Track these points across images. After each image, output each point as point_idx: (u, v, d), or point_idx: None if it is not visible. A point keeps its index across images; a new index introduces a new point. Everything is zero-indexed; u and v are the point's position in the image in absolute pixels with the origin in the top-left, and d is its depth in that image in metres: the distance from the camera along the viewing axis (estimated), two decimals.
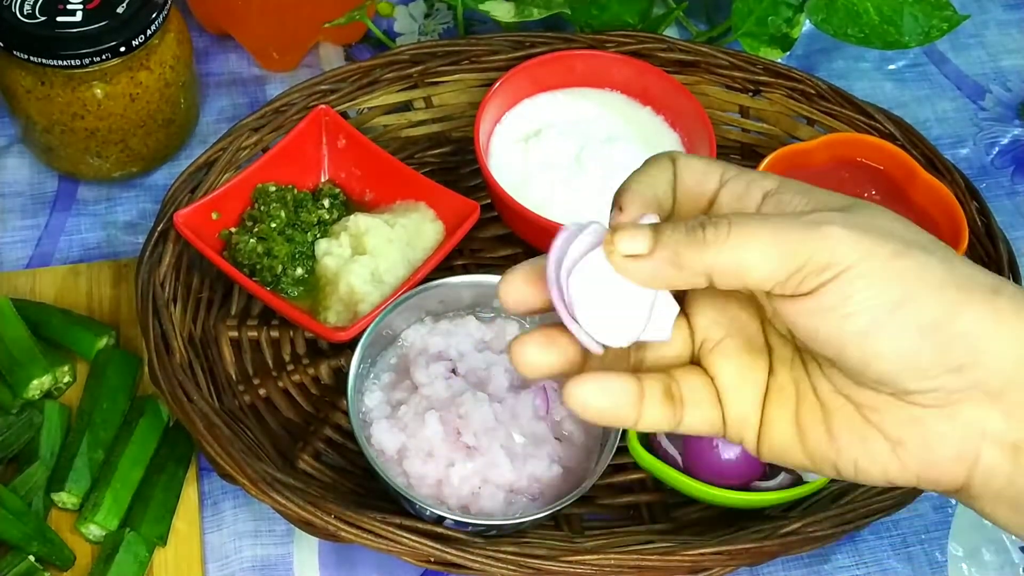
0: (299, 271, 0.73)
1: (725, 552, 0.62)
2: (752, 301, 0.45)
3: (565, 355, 0.45)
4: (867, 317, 0.40)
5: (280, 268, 0.73)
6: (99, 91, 0.76)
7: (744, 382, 0.45)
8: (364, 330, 0.67)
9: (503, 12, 0.84)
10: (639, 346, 0.45)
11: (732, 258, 0.40)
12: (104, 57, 0.74)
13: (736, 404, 0.45)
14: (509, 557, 0.61)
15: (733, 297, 0.45)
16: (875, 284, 0.40)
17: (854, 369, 0.41)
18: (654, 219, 0.43)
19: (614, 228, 0.43)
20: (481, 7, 0.84)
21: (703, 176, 0.45)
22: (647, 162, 0.46)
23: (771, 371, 0.45)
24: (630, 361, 0.46)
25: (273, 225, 0.73)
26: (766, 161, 0.76)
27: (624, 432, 0.65)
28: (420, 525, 0.62)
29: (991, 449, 0.41)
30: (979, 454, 0.41)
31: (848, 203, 0.43)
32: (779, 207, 0.43)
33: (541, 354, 0.45)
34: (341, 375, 0.73)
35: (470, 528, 0.63)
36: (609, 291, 0.43)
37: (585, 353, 0.44)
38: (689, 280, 0.41)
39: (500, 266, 0.79)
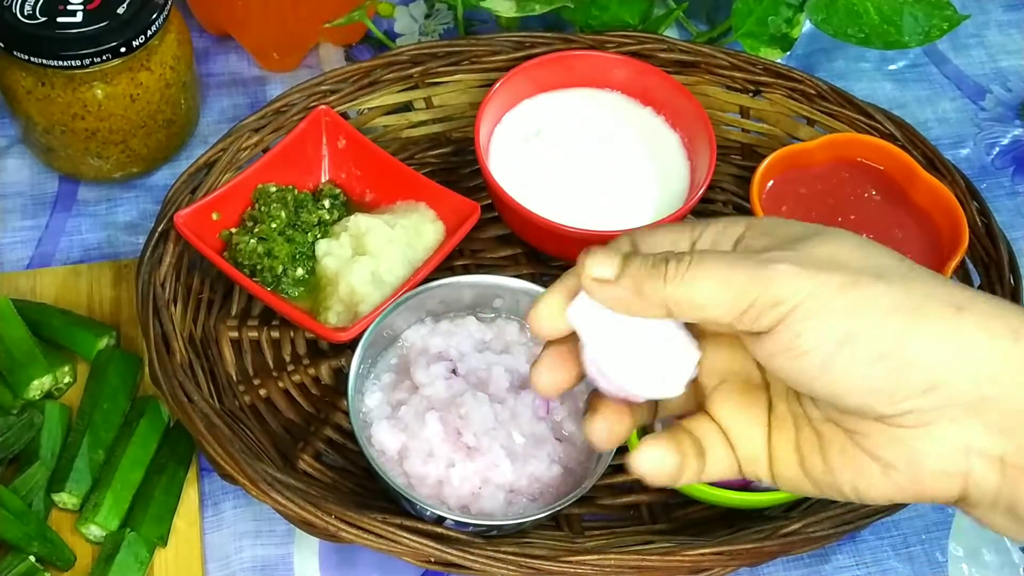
0: (299, 271, 0.73)
1: (725, 552, 0.62)
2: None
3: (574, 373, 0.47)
4: (819, 354, 0.41)
5: (280, 268, 0.73)
6: (99, 92, 0.76)
7: (747, 421, 0.46)
8: (364, 330, 0.67)
9: (504, 8, 0.84)
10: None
11: (687, 293, 0.42)
12: (104, 58, 0.74)
13: (744, 444, 0.46)
14: (509, 557, 0.61)
15: (725, 340, 0.47)
16: (823, 320, 0.41)
17: (826, 402, 0.43)
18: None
19: (587, 250, 0.45)
20: (483, 3, 0.84)
21: (672, 244, 0.46)
22: (608, 244, 0.47)
23: (772, 407, 0.46)
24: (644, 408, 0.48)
25: (273, 225, 0.73)
26: (766, 161, 0.76)
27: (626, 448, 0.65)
28: (420, 525, 0.62)
29: (979, 462, 0.42)
30: (970, 467, 0.42)
31: (810, 233, 0.44)
32: (746, 250, 0.44)
33: (553, 374, 0.47)
34: (341, 375, 0.73)
35: (470, 528, 0.63)
36: (632, 347, 0.45)
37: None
38: (649, 310, 0.44)
39: (500, 266, 0.79)
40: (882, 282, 0.41)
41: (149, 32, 0.75)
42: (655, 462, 0.46)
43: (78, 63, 0.74)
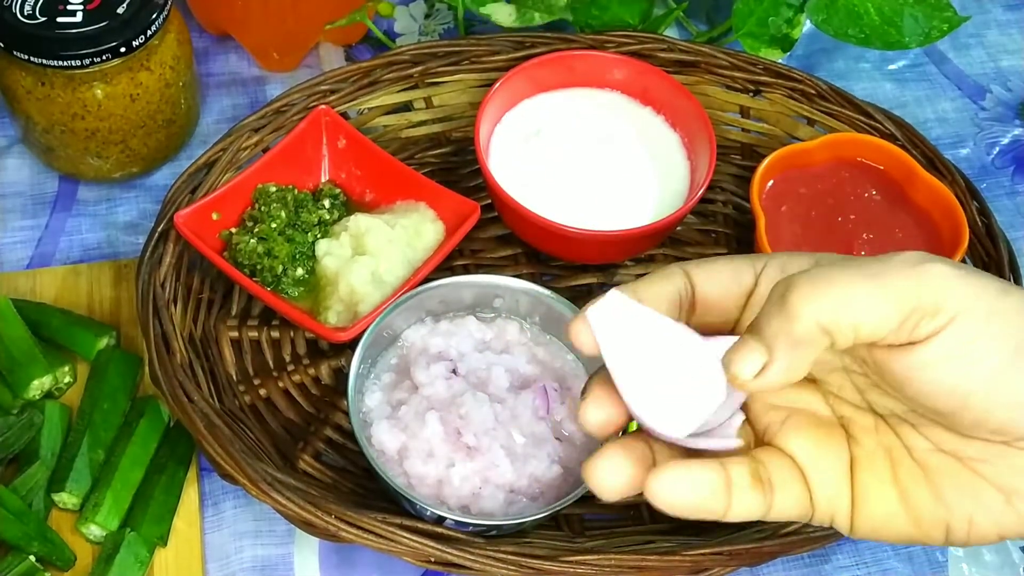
0: (299, 271, 0.73)
1: (725, 552, 0.62)
2: (807, 381, 0.42)
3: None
4: (992, 363, 0.37)
5: (280, 268, 0.73)
6: (99, 91, 0.76)
7: (825, 454, 0.42)
8: (364, 330, 0.67)
9: (504, 16, 0.84)
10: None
11: (840, 308, 0.37)
12: (104, 58, 0.74)
13: (822, 480, 0.42)
14: (509, 557, 0.61)
15: None
16: (994, 327, 0.37)
17: (973, 421, 0.39)
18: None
19: (727, 358, 0.39)
20: (482, 10, 0.84)
21: (734, 274, 0.42)
22: (654, 272, 0.43)
23: (854, 441, 0.42)
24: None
25: (273, 225, 0.73)
26: (766, 161, 0.76)
27: (624, 432, 0.65)
28: (420, 525, 0.62)
29: None
30: None
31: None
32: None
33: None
34: (341, 375, 0.73)
35: (470, 528, 0.63)
36: (650, 372, 0.41)
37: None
38: (813, 354, 0.38)
39: (500, 266, 0.79)
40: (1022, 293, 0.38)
41: (149, 32, 0.75)
42: (683, 485, 0.40)
43: (78, 63, 0.74)
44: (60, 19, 0.74)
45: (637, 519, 0.69)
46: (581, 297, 0.77)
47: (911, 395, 0.40)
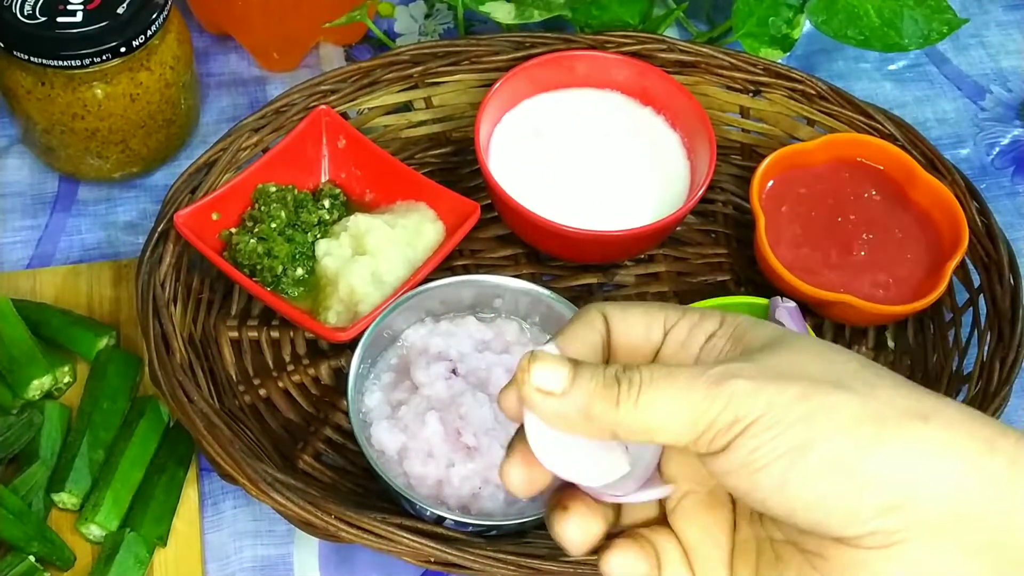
0: (299, 271, 0.73)
1: None
2: None
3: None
4: (776, 468, 0.38)
5: (280, 268, 0.73)
6: (99, 91, 0.76)
7: (709, 542, 0.43)
8: (364, 330, 0.67)
9: (504, 14, 0.84)
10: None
11: (640, 420, 0.39)
12: (104, 57, 0.74)
13: (704, 567, 0.43)
14: (509, 557, 0.61)
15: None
16: (780, 432, 0.38)
17: (784, 520, 0.40)
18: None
19: (532, 354, 0.40)
20: (481, 8, 0.84)
21: (646, 329, 0.43)
22: (575, 315, 0.44)
23: (735, 526, 0.43)
24: (606, 516, 0.44)
25: (273, 225, 0.73)
26: (766, 161, 0.76)
27: None
28: (420, 525, 0.62)
29: None
30: None
31: (777, 338, 0.41)
32: (711, 354, 0.41)
33: (526, 475, 0.43)
34: (341, 375, 0.73)
35: (470, 528, 0.63)
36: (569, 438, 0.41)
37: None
38: (594, 432, 0.40)
39: (500, 266, 0.79)
40: (842, 391, 0.38)
41: (149, 32, 0.75)
42: (628, 566, 0.42)
43: (78, 63, 0.74)
44: (60, 19, 0.74)
45: None
46: (581, 297, 0.77)
47: (728, 491, 0.41)
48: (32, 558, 0.64)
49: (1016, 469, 0.38)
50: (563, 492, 0.44)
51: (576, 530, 0.43)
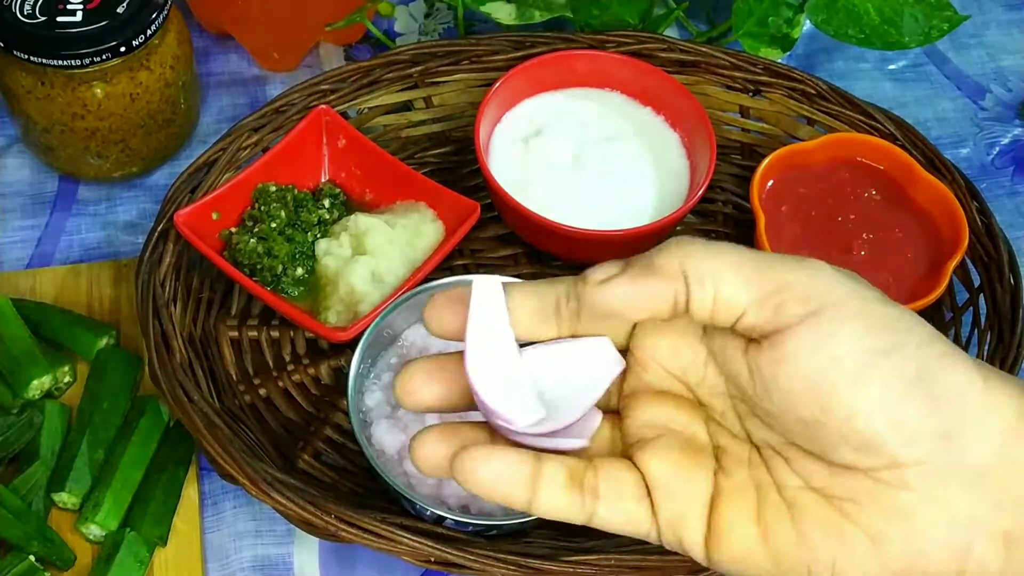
0: (299, 271, 0.73)
1: None
2: (692, 403, 0.42)
3: (450, 388, 0.42)
4: (856, 361, 0.37)
5: (280, 268, 0.73)
6: (99, 91, 0.76)
7: (683, 482, 0.41)
8: (364, 330, 0.67)
9: (504, 14, 0.84)
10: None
11: (708, 262, 0.38)
12: (104, 57, 0.74)
13: (671, 504, 0.41)
14: (509, 557, 0.61)
15: (671, 398, 0.42)
16: (863, 325, 0.37)
17: (838, 433, 0.37)
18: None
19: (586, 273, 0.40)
20: (482, 8, 0.84)
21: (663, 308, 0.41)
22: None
23: (724, 473, 0.41)
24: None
25: (273, 225, 0.73)
26: (766, 161, 0.76)
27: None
28: (420, 525, 0.62)
29: (981, 541, 0.38)
30: (971, 546, 0.38)
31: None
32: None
33: (425, 386, 0.42)
34: (341, 375, 0.73)
35: (470, 528, 0.63)
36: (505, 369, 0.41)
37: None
38: (662, 293, 0.38)
39: (500, 266, 0.79)
40: (912, 315, 0.39)
41: (149, 31, 0.75)
42: (483, 465, 0.40)
43: (78, 63, 0.74)
44: (60, 19, 0.74)
45: None
46: None
47: (778, 402, 0.38)
48: (32, 558, 0.64)
49: None
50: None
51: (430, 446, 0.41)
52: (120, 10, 0.75)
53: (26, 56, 0.73)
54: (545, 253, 0.79)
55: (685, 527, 0.41)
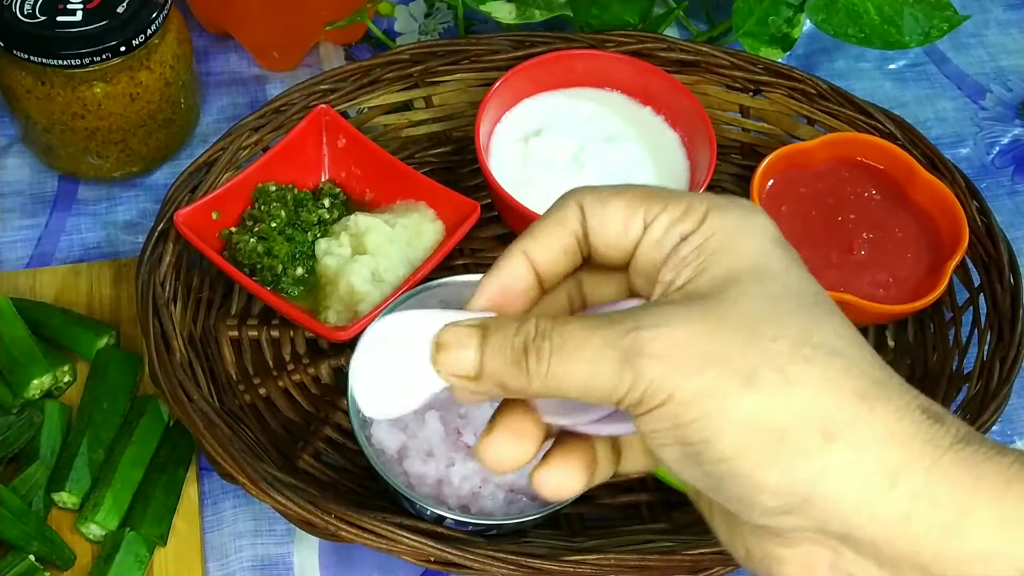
0: (299, 271, 0.73)
1: (725, 552, 0.62)
2: None
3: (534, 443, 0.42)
4: (675, 453, 0.38)
5: (280, 268, 0.73)
6: (99, 91, 0.76)
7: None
8: (364, 330, 0.67)
9: (504, 13, 0.84)
10: None
11: (554, 390, 0.39)
12: (104, 57, 0.74)
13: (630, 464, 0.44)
14: (509, 557, 0.61)
15: None
16: (680, 424, 0.37)
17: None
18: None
19: (437, 342, 0.40)
20: (482, 8, 0.84)
21: (625, 222, 0.41)
22: (551, 207, 0.43)
23: None
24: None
25: (273, 225, 0.73)
26: (766, 161, 0.76)
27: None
28: (420, 525, 0.62)
29: None
30: None
31: (730, 279, 0.39)
32: (674, 267, 0.40)
33: (513, 448, 0.42)
34: (341, 375, 0.73)
35: (470, 528, 0.63)
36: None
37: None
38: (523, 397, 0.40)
39: None
40: (749, 390, 0.36)
41: (149, 31, 0.75)
42: (561, 485, 0.42)
43: (78, 62, 0.74)
44: (60, 18, 0.74)
45: (637, 519, 0.69)
46: None
47: None
48: (32, 557, 0.64)
49: (918, 503, 0.36)
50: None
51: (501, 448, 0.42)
52: (120, 10, 0.75)
53: (26, 56, 0.73)
54: None
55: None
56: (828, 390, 0.37)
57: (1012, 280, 0.74)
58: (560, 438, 0.43)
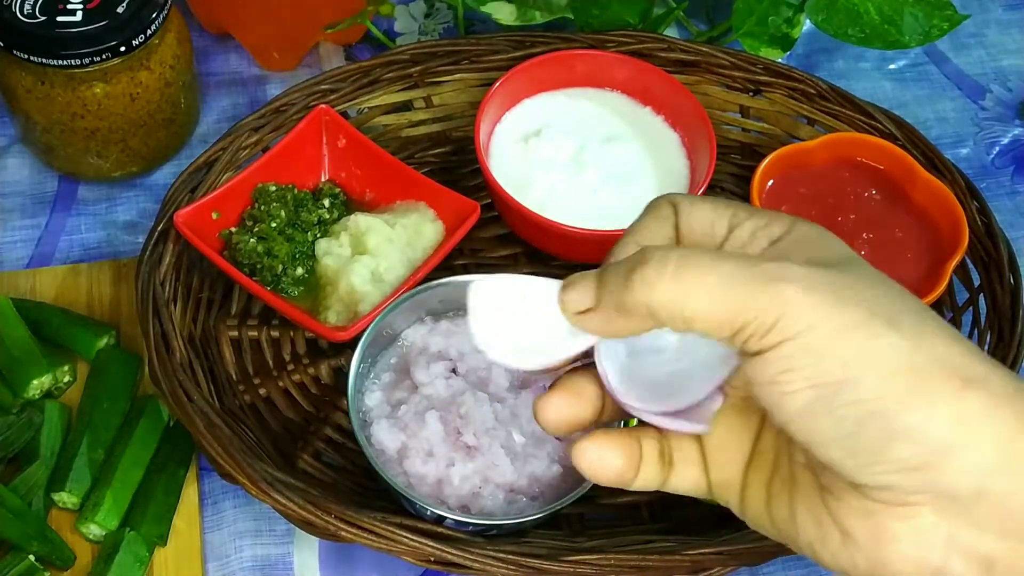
0: (299, 271, 0.73)
1: (725, 552, 0.62)
2: None
3: (591, 405, 0.43)
4: (806, 396, 0.36)
5: (280, 268, 0.73)
6: (99, 91, 0.76)
7: (730, 445, 0.42)
8: (364, 330, 0.67)
9: (505, 14, 0.84)
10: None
11: (675, 300, 0.37)
12: (104, 57, 0.74)
13: (719, 468, 0.42)
14: (509, 557, 0.61)
15: None
16: (817, 361, 0.36)
17: (801, 446, 0.38)
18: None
19: (564, 284, 0.41)
20: (483, 9, 0.84)
21: (711, 222, 0.42)
22: (647, 208, 0.43)
23: (760, 436, 0.42)
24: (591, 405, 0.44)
25: (273, 225, 0.73)
26: (766, 161, 0.76)
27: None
28: (420, 525, 0.62)
29: (960, 560, 0.37)
30: (947, 563, 0.37)
31: (843, 257, 0.39)
32: (778, 255, 0.40)
33: (566, 408, 0.43)
34: (341, 375, 0.73)
35: (470, 528, 0.63)
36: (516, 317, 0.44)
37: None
38: (638, 327, 0.39)
39: (500, 266, 0.79)
40: (893, 331, 0.36)
41: (149, 31, 0.75)
42: (604, 455, 0.42)
43: (78, 62, 0.74)
44: (60, 18, 0.74)
45: (637, 519, 0.69)
46: None
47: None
48: (32, 557, 0.64)
49: None
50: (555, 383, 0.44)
51: (555, 408, 0.43)
52: (120, 10, 0.75)
53: (26, 56, 0.73)
54: (545, 253, 0.79)
55: (730, 489, 0.43)
56: (960, 344, 0.37)
57: (1012, 280, 0.74)
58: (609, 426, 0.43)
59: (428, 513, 0.62)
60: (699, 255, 0.38)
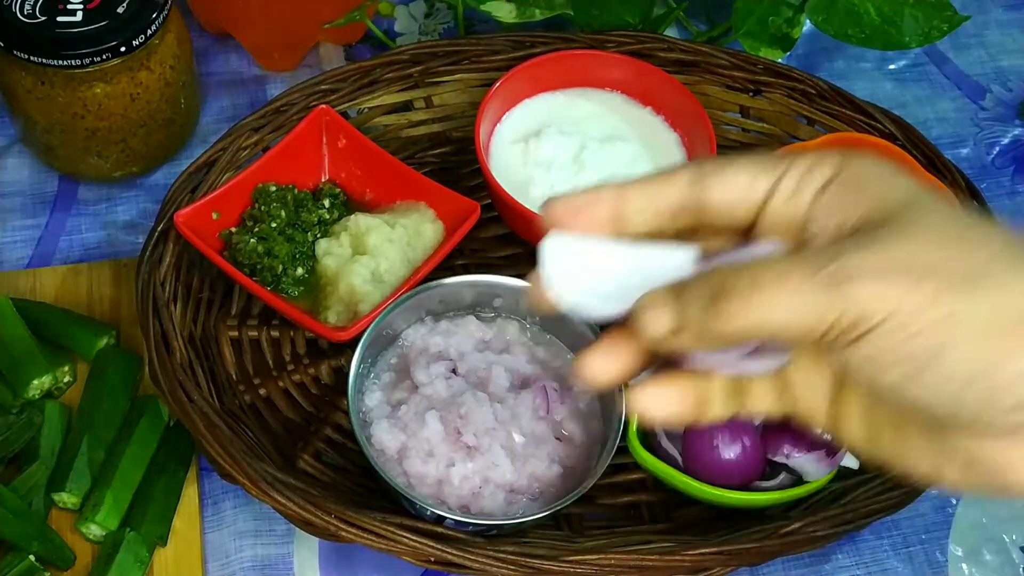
0: (299, 271, 0.73)
1: (725, 552, 0.62)
2: None
3: (632, 359, 0.43)
4: (906, 368, 0.37)
5: (280, 268, 0.73)
6: (99, 91, 0.76)
7: (813, 380, 0.42)
8: (364, 330, 0.67)
9: (505, 13, 0.84)
10: None
11: (756, 329, 0.38)
12: (104, 57, 0.74)
13: (803, 401, 0.43)
14: (509, 557, 0.61)
15: None
16: (910, 335, 0.37)
17: (910, 409, 0.39)
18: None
19: (643, 304, 0.40)
20: (483, 7, 0.84)
21: (749, 182, 0.41)
22: (663, 176, 0.43)
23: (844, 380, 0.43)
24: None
25: (273, 225, 0.73)
26: None
27: (624, 432, 0.65)
28: (420, 525, 0.62)
29: None
30: None
31: (903, 203, 0.39)
32: (824, 214, 0.39)
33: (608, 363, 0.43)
34: (341, 375, 0.73)
35: (470, 528, 0.63)
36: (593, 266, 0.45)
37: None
38: (721, 347, 0.40)
39: (500, 266, 0.79)
40: (974, 291, 0.37)
41: (149, 31, 0.75)
42: (658, 402, 0.42)
43: (78, 62, 0.74)
44: (60, 18, 0.74)
45: (637, 519, 0.69)
46: None
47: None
48: (32, 557, 0.64)
49: None
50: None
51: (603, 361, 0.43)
52: (120, 10, 0.75)
53: (26, 56, 0.73)
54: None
55: (811, 414, 0.43)
56: None
57: None
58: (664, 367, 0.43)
59: (428, 513, 0.62)
60: (766, 276, 0.38)
